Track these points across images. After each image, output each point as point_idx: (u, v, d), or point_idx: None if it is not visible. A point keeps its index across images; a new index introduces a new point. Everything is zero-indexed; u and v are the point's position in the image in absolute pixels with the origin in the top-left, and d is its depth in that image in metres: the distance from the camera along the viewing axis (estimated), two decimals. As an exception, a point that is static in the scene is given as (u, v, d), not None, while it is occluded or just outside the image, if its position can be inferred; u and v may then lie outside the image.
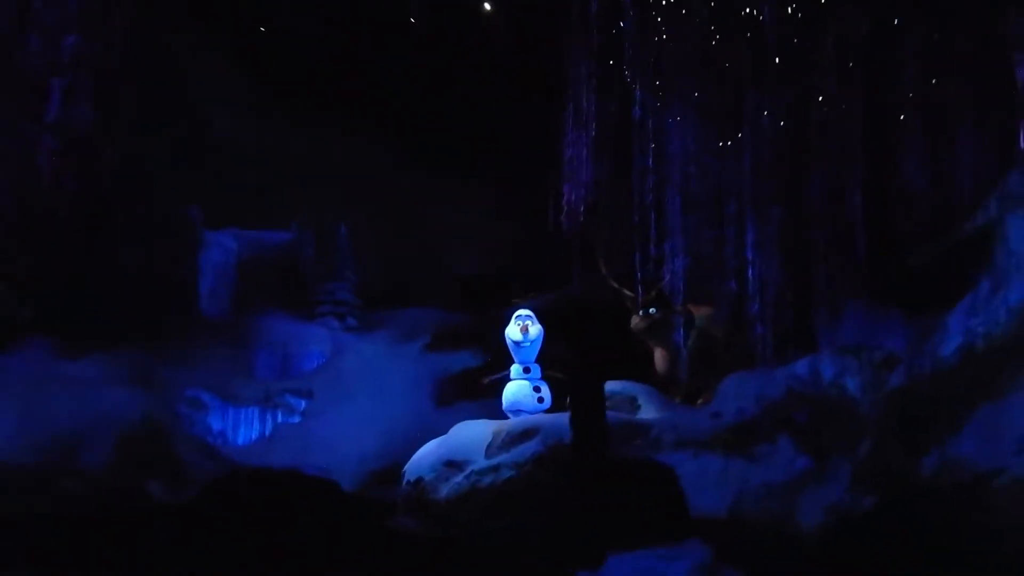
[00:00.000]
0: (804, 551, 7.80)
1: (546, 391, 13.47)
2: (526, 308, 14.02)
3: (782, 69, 12.17)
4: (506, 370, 14.11)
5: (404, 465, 12.84)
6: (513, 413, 13.45)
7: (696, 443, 10.51)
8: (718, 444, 10.32)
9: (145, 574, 9.38)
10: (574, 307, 16.80)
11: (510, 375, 13.92)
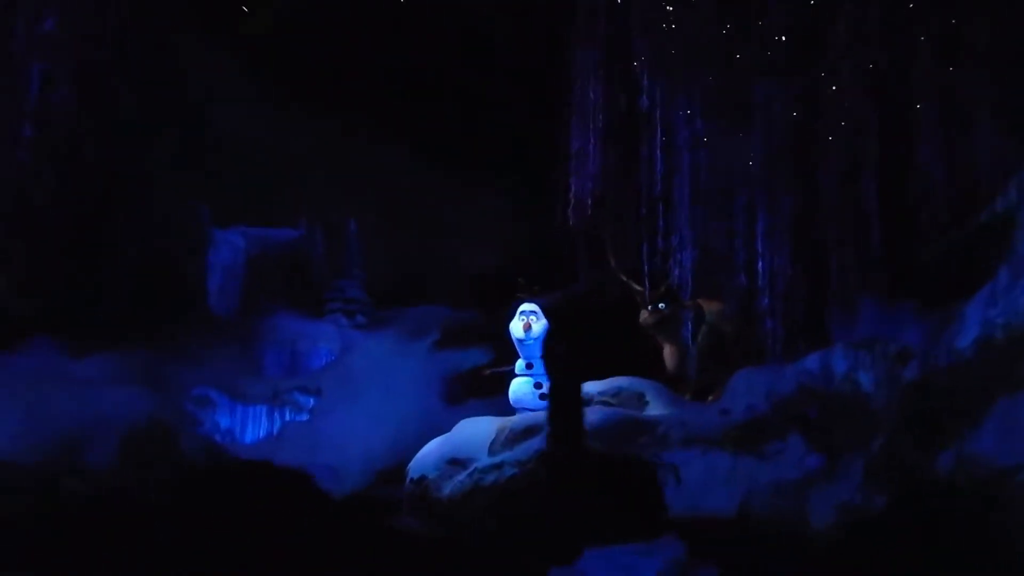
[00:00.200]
0: (815, 551, 7.50)
1: (547, 387, 13.24)
2: (531, 303, 13.77)
3: (794, 56, 11.86)
4: (511, 365, 13.90)
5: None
6: (518, 409, 13.24)
7: (705, 440, 10.24)
8: (727, 441, 10.05)
9: (148, 573, 9.28)
10: (580, 303, 16.56)
11: (514, 370, 13.69)
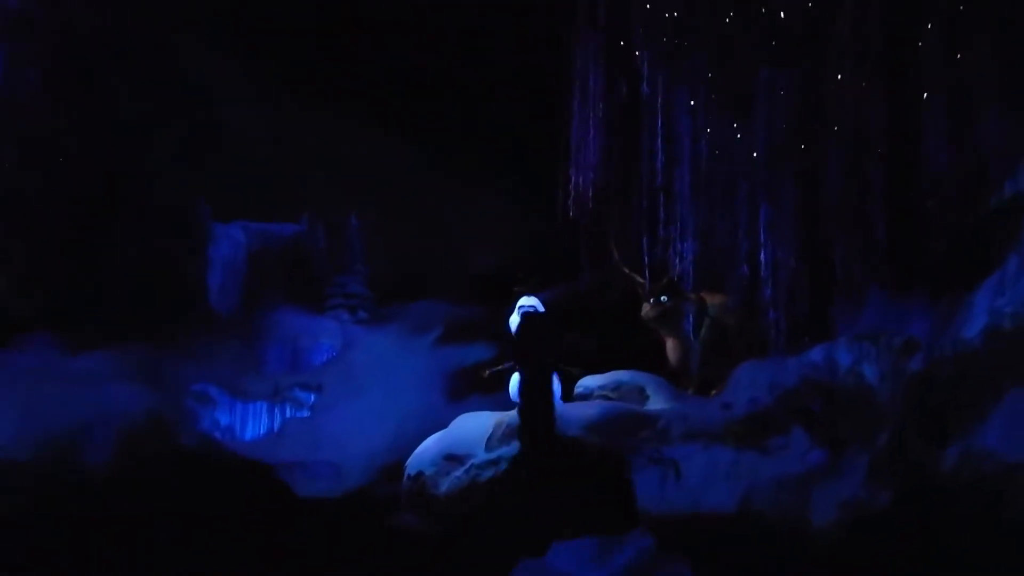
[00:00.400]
0: (817, 549, 7.27)
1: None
2: (530, 297, 13.51)
3: (797, 43, 11.59)
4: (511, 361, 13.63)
5: (412, 460, 12.48)
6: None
7: (706, 435, 10.00)
8: (729, 436, 9.80)
9: (147, 571, 9.17)
10: (582, 298, 16.34)
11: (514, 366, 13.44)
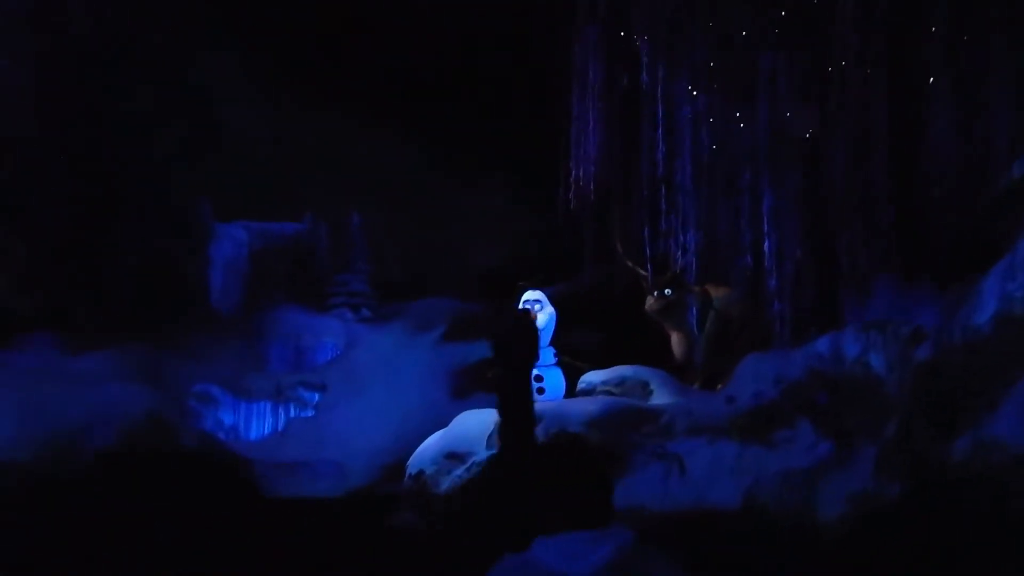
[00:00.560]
0: (824, 544, 7.05)
1: (552, 380, 12.77)
2: (535, 291, 13.30)
3: (800, 29, 11.35)
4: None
5: (416, 459, 12.31)
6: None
7: (711, 429, 9.81)
8: (734, 430, 9.61)
9: (147, 571, 9.04)
10: (586, 293, 16.16)
11: None
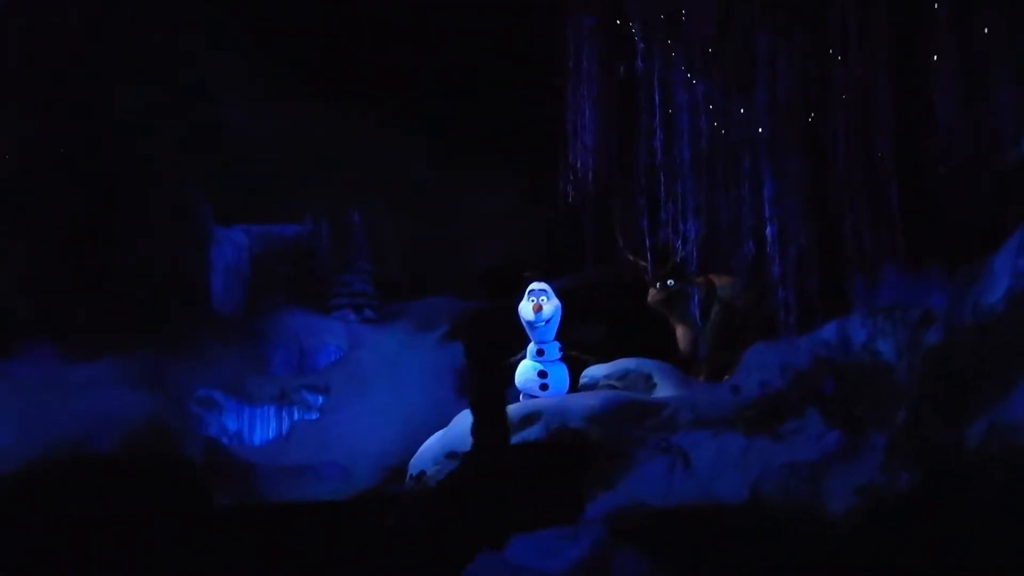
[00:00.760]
0: (833, 537, 6.77)
1: (556, 375, 12.52)
2: (541, 283, 13.03)
3: (801, 7, 11.05)
4: (522, 353, 13.20)
5: (420, 459, 12.12)
6: (523, 394, 12.60)
7: (716, 421, 9.53)
8: (739, 421, 9.31)
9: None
10: (590, 287, 15.91)
11: (526, 355, 13.00)
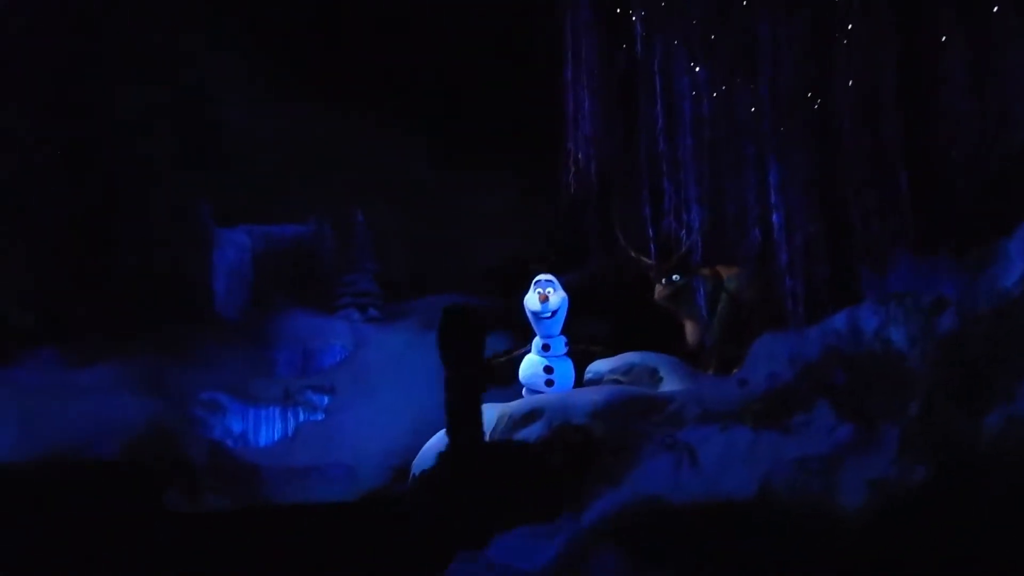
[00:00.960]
0: (845, 534, 6.51)
1: (562, 371, 12.29)
2: (547, 274, 12.79)
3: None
4: (527, 347, 12.97)
5: (425, 459, 11.88)
6: (528, 389, 12.39)
7: (723, 415, 9.24)
8: (747, 415, 9.02)
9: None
10: (596, 281, 15.72)
11: (530, 350, 12.77)
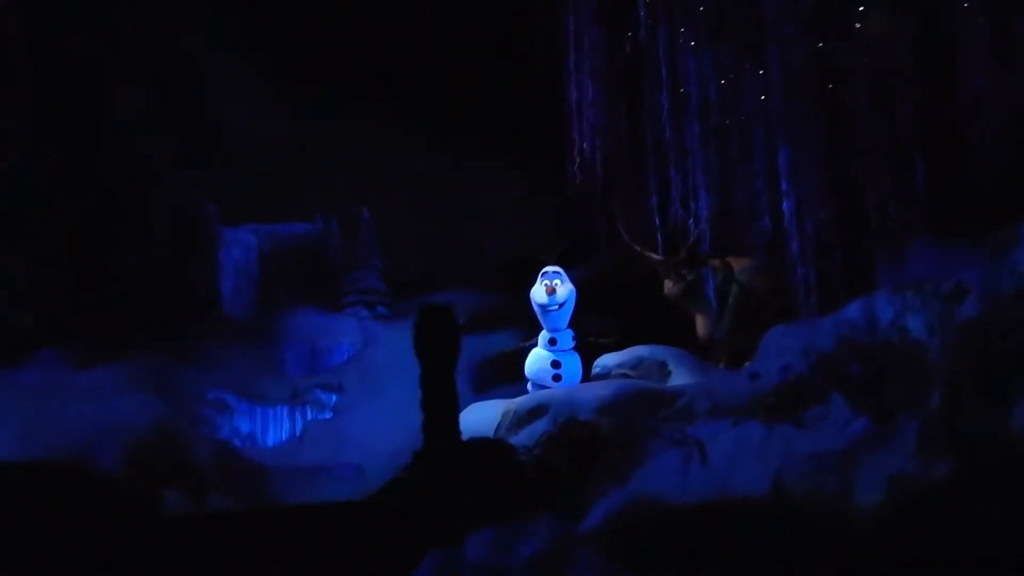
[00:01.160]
0: (861, 533, 6.19)
1: (568, 366, 12.03)
2: (555, 266, 12.55)
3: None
4: (535, 340, 12.75)
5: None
6: (533, 384, 12.15)
7: (734, 410, 8.98)
8: (759, 409, 8.75)
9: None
10: (605, 276, 15.45)
11: (537, 343, 12.54)
